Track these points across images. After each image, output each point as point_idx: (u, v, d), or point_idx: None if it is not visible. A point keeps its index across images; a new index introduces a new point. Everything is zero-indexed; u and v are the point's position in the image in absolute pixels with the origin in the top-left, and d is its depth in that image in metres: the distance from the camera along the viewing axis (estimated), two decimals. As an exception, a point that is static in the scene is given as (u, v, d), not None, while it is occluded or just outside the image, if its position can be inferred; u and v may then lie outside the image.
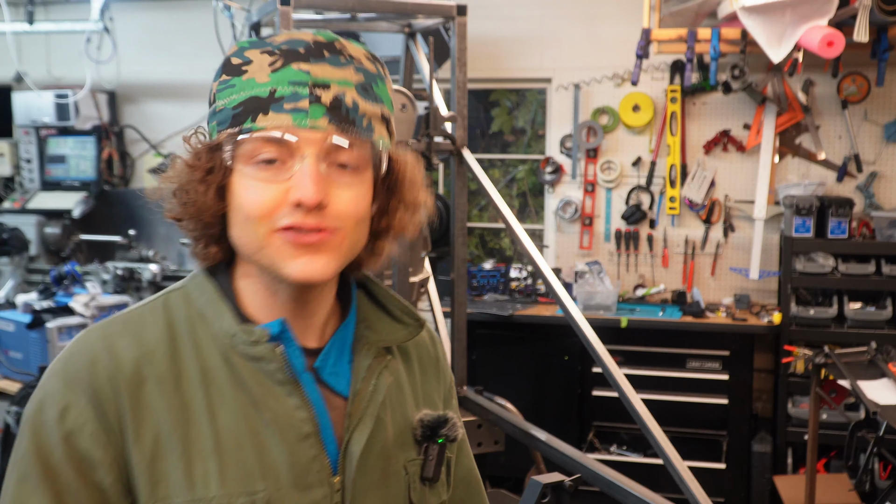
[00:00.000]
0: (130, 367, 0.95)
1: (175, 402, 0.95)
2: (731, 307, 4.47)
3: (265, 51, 0.95)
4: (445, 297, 3.15)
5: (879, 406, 2.74)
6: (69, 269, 3.84)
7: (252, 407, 0.97)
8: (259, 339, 0.97)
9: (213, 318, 0.99)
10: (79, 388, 0.94)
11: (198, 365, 0.97)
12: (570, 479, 1.15)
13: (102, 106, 5.32)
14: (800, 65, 3.86)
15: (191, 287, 1.03)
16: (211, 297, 1.00)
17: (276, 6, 2.55)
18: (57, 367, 0.96)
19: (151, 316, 1.00)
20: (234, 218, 0.97)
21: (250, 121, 0.93)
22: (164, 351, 0.97)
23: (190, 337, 0.98)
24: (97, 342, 0.97)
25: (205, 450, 0.94)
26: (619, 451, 4.38)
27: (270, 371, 0.97)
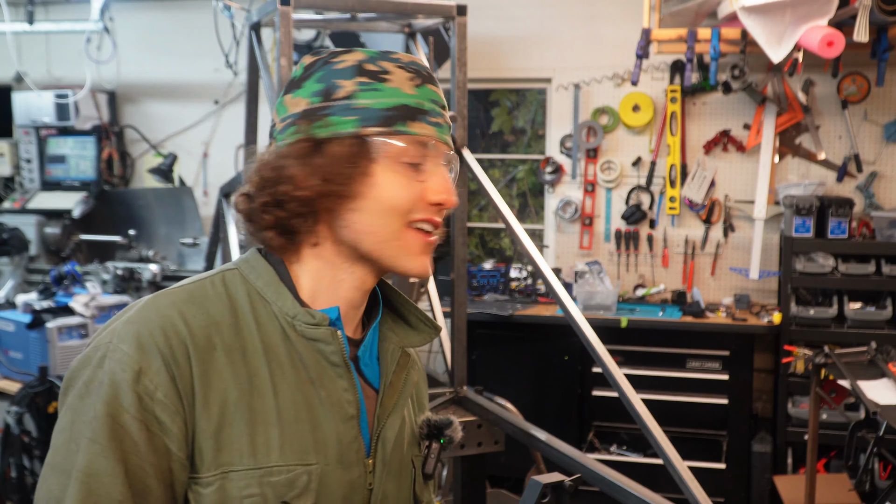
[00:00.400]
0: (201, 334, 1.00)
1: (242, 372, 1.01)
2: (731, 307, 4.47)
3: (399, 66, 1.07)
4: (445, 297, 3.15)
5: (879, 406, 2.74)
6: (69, 269, 3.84)
7: (309, 384, 1.04)
8: (320, 321, 1.05)
9: (273, 298, 1.05)
10: (153, 351, 0.97)
11: (260, 339, 1.03)
12: (570, 479, 1.15)
13: (102, 106, 5.32)
14: (800, 65, 3.86)
15: (245, 269, 1.08)
16: (270, 279, 1.07)
17: (276, 6, 2.55)
18: (128, 331, 0.98)
19: (212, 290, 1.05)
20: (365, 207, 1.04)
21: (401, 124, 1.04)
22: (229, 323, 1.02)
23: (251, 313, 1.04)
24: (168, 308, 1.00)
25: (268, 420, 1.01)
26: (619, 451, 4.38)
27: (327, 353, 1.05)
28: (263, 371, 1.02)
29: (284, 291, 1.06)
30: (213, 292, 1.05)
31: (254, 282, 1.07)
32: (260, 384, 1.01)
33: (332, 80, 1.05)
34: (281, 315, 1.05)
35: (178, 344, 0.98)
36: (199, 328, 1.00)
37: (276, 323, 1.05)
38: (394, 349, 1.15)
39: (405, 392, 1.15)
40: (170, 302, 1.02)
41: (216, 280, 1.07)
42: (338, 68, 1.06)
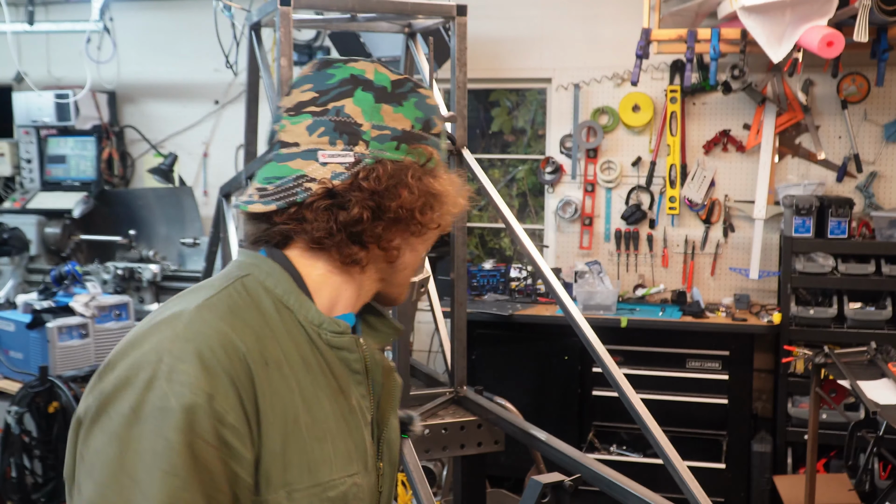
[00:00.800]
0: (254, 349, 0.94)
1: (294, 386, 0.97)
2: (731, 307, 4.47)
3: None
4: (445, 297, 3.15)
5: (879, 406, 2.74)
6: (69, 269, 3.84)
7: (340, 393, 1.03)
8: (345, 330, 1.04)
9: (296, 306, 1.02)
10: (219, 372, 0.90)
11: (296, 350, 0.99)
12: (570, 479, 1.16)
13: (102, 106, 5.32)
14: (800, 65, 3.86)
15: (260, 274, 1.03)
16: (290, 286, 1.03)
17: (276, 6, 2.55)
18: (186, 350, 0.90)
19: (241, 300, 0.99)
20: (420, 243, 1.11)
21: None
22: (269, 335, 0.97)
23: (281, 322, 1.00)
24: (218, 322, 0.94)
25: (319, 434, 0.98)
26: (619, 451, 4.38)
27: (350, 360, 1.04)
28: (307, 383, 0.99)
29: (305, 299, 1.03)
30: (243, 302, 0.99)
31: (273, 288, 1.02)
32: (308, 397, 0.98)
33: (431, 115, 1.09)
34: (307, 324, 1.02)
35: (239, 362, 0.92)
36: (251, 343, 0.94)
37: (302, 332, 1.01)
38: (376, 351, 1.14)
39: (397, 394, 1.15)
40: (216, 316, 0.94)
41: (239, 289, 1.00)
42: (431, 104, 1.10)
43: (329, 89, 1.05)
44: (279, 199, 1.01)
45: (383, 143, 1.04)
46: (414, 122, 1.07)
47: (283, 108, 1.07)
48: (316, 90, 1.05)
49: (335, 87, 1.05)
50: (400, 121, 1.05)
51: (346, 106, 1.04)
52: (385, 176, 1.02)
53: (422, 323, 4.58)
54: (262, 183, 1.04)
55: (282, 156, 1.05)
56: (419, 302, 3.39)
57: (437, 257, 4.57)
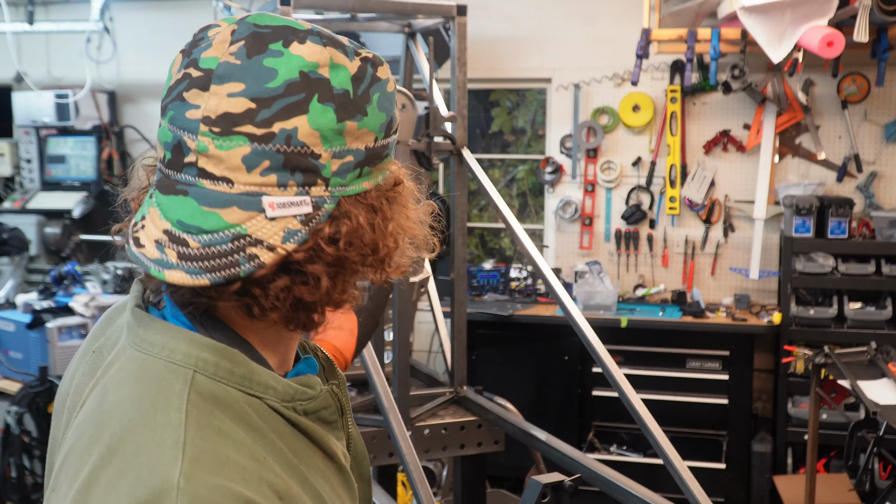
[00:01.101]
0: (262, 494, 0.74)
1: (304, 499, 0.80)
2: (731, 307, 4.47)
3: None
4: (445, 297, 3.15)
5: (879, 406, 2.74)
6: (69, 269, 3.84)
7: (327, 460, 0.88)
8: (319, 391, 0.86)
9: (260, 391, 0.80)
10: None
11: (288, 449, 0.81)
12: (570, 479, 1.15)
13: (102, 106, 5.32)
14: (800, 65, 3.86)
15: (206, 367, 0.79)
16: (246, 369, 0.80)
17: (276, 6, 2.55)
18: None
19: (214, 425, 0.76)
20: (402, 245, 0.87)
21: None
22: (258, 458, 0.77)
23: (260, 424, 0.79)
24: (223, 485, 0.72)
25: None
26: (619, 451, 4.38)
27: (325, 416, 0.87)
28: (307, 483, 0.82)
29: (265, 374, 0.81)
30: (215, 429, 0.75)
31: (228, 381, 0.78)
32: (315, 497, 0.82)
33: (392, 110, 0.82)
34: (277, 405, 0.81)
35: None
36: (256, 490, 0.73)
37: (277, 416, 0.82)
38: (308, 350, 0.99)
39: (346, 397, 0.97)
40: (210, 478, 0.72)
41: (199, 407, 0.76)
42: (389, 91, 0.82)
43: (272, 98, 0.75)
44: (213, 272, 0.73)
45: (345, 177, 0.79)
46: (378, 132, 0.81)
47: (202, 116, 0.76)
48: (252, 96, 0.75)
49: (280, 95, 0.75)
50: (363, 138, 0.79)
51: (300, 129, 0.76)
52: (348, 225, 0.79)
53: (422, 323, 4.58)
54: (179, 230, 0.75)
55: (207, 195, 0.75)
56: (419, 302, 3.40)
57: (437, 257, 4.56)
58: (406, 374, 2.82)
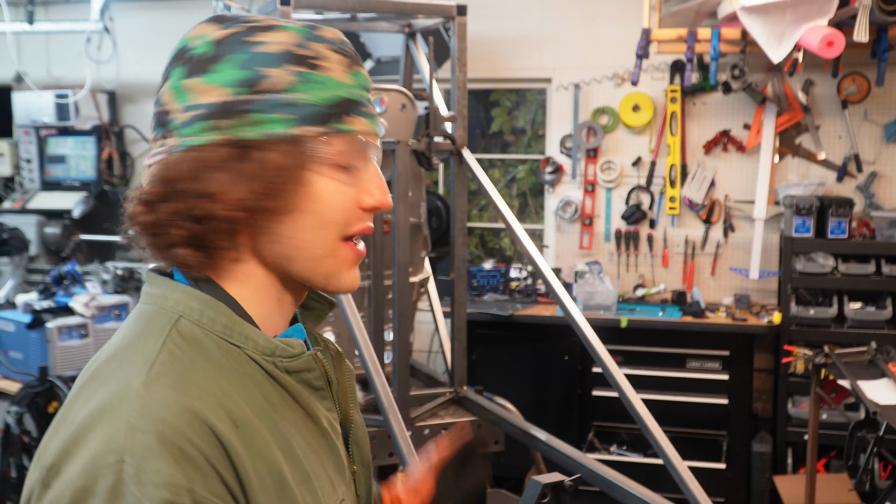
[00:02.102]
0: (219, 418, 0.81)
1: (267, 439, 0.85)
2: (731, 307, 4.47)
3: (332, 48, 0.91)
4: (445, 297, 3.15)
5: (879, 406, 2.74)
6: (69, 269, 3.84)
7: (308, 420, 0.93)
8: (300, 350, 0.92)
9: (241, 341, 0.88)
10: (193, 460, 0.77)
11: (260, 395, 0.87)
12: (570, 479, 1.15)
13: (102, 106, 5.32)
14: (800, 65, 3.86)
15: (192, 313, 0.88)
16: (229, 319, 0.89)
17: (276, 6, 2.55)
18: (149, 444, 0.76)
19: (185, 356, 0.85)
20: (300, 221, 0.89)
21: (340, 122, 0.90)
22: (226, 390, 0.84)
23: (233, 368, 0.87)
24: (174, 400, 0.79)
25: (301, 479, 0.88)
26: (619, 451, 4.38)
27: (310, 380, 0.94)
28: (277, 428, 0.87)
29: (249, 328, 0.89)
30: (187, 359, 0.84)
31: (210, 327, 0.87)
32: (282, 444, 0.87)
33: (256, 68, 0.87)
34: (257, 356, 0.89)
35: (209, 439, 0.79)
36: (212, 412, 0.81)
37: (256, 367, 0.88)
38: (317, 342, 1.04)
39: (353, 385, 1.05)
40: (170, 392, 0.80)
41: (177, 341, 0.85)
42: (261, 51, 0.87)
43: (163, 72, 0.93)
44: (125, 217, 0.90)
45: (192, 127, 0.87)
46: (232, 88, 0.86)
47: None
48: None
49: (166, 67, 0.92)
50: (210, 92, 0.87)
51: (163, 92, 0.91)
52: (181, 168, 0.86)
53: (422, 323, 4.58)
54: None
55: None
56: (419, 302, 3.40)
57: (437, 257, 4.57)
58: (406, 374, 2.82)
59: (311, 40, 0.90)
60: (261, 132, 0.86)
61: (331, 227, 0.90)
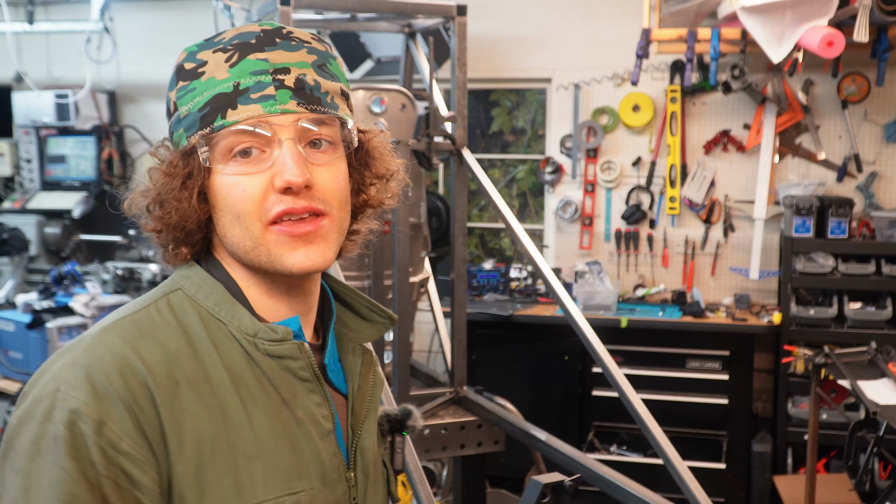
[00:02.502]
0: (161, 370, 0.89)
1: (213, 405, 0.91)
2: (731, 307, 4.47)
3: (217, 49, 0.95)
4: (445, 297, 3.15)
5: (879, 406, 2.74)
6: (69, 269, 3.84)
7: (283, 405, 0.96)
8: (284, 336, 0.96)
9: (227, 317, 0.96)
10: (112, 397, 0.85)
11: (224, 366, 0.93)
12: (570, 479, 1.15)
13: (102, 106, 5.32)
14: (800, 65, 3.86)
15: (189, 287, 0.98)
16: (221, 297, 0.97)
17: (276, 6, 2.55)
18: (78, 376, 0.86)
19: (161, 318, 0.94)
20: (223, 219, 0.95)
21: (220, 118, 0.93)
22: (187, 353, 0.92)
23: (207, 338, 0.94)
24: (120, 345, 0.89)
25: (248, 452, 0.91)
26: (619, 451, 4.38)
27: (295, 369, 0.97)
28: (234, 400, 0.92)
29: (239, 308, 0.97)
30: (162, 321, 0.94)
31: (202, 301, 0.97)
32: (233, 415, 0.92)
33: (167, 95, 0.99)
34: (240, 335, 0.95)
35: (139, 385, 0.87)
36: (158, 364, 0.89)
37: (236, 345, 0.95)
38: (354, 348, 1.08)
39: (375, 395, 1.07)
40: (120, 338, 0.90)
41: (161, 306, 0.95)
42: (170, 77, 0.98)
43: None
44: None
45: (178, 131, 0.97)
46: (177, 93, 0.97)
47: None
48: None
49: None
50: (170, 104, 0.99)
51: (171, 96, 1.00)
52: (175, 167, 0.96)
53: (422, 323, 4.58)
54: None
55: None
56: (419, 302, 3.40)
57: (437, 257, 4.57)
58: (406, 374, 2.83)
59: (202, 50, 0.96)
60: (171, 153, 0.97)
61: (245, 219, 0.94)
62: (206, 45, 0.96)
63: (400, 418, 1.14)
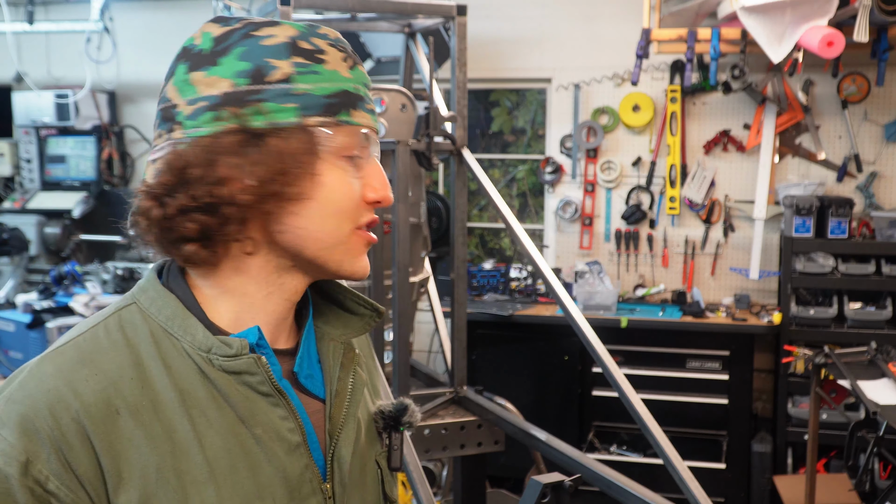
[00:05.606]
0: (96, 401, 0.84)
1: (157, 432, 0.86)
2: (731, 307, 4.47)
3: (331, 44, 0.94)
4: (445, 297, 3.15)
5: (879, 406, 2.74)
6: (69, 269, 3.84)
7: (240, 424, 0.90)
8: (239, 351, 0.90)
9: (180, 333, 0.90)
10: (39, 437, 0.81)
11: (173, 387, 0.87)
12: (570, 479, 1.15)
13: (102, 106, 5.32)
14: (800, 65, 3.86)
15: (144, 301, 0.92)
16: (175, 311, 0.91)
17: (276, 6, 2.55)
18: (10, 414, 0.82)
19: (107, 338, 0.89)
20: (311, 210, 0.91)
21: (346, 114, 0.92)
22: (131, 376, 0.86)
23: (157, 357, 0.88)
24: (52, 379, 0.84)
25: (199, 478, 0.86)
26: (619, 451, 4.38)
27: (253, 384, 0.91)
28: (183, 423, 0.87)
29: (192, 322, 0.91)
30: (107, 342, 0.88)
31: (155, 316, 0.91)
32: (181, 440, 0.86)
33: (262, 59, 0.89)
34: (193, 351, 0.89)
35: (70, 422, 0.82)
36: (93, 394, 0.84)
37: (188, 362, 0.89)
38: (335, 348, 1.02)
39: (355, 398, 1.01)
40: (55, 370, 0.85)
41: (111, 324, 0.90)
42: (267, 44, 0.90)
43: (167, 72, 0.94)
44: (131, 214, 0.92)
45: (197, 119, 0.89)
46: (236, 80, 0.89)
47: None
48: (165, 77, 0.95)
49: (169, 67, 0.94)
50: (215, 84, 0.89)
51: (167, 89, 0.92)
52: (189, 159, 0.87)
53: (422, 323, 4.58)
54: None
55: None
56: (419, 302, 3.40)
57: (437, 257, 4.57)
58: (406, 374, 2.82)
59: (311, 35, 0.93)
60: (267, 121, 0.88)
61: (341, 217, 0.93)
62: (315, 34, 0.93)
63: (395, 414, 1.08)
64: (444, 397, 2.97)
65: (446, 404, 2.97)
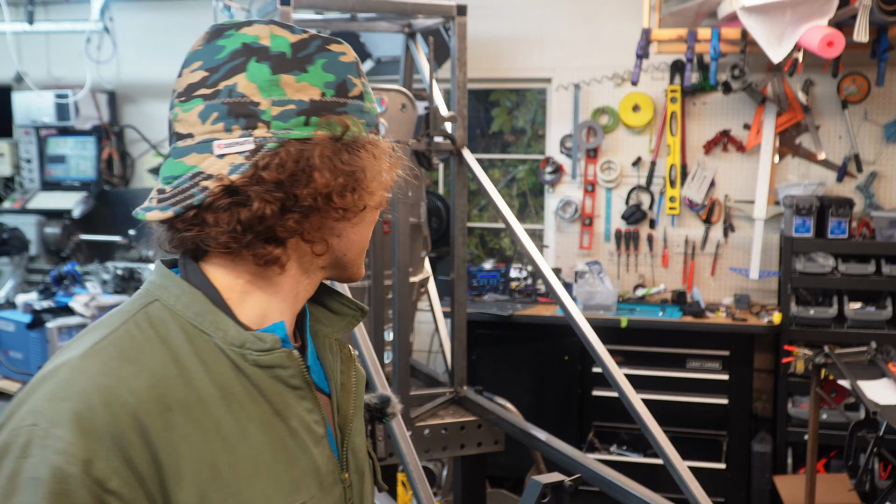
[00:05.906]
0: (150, 397, 0.84)
1: (208, 427, 0.86)
2: (731, 307, 4.47)
3: None
4: (445, 297, 3.15)
5: (879, 406, 2.74)
6: (69, 269, 3.84)
7: (275, 417, 0.92)
8: (272, 345, 0.92)
9: (211, 329, 0.91)
10: (100, 434, 0.80)
11: (212, 382, 0.88)
12: (570, 479, 1.15)
13: (102, 106, 5.32)
14: (800, 65, 3.86)
15: (168, 298, 0.92)
16: (203, 307, 0.92)
17: (276, 6, 2.55)
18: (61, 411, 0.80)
19: (142, 336, 0.88)
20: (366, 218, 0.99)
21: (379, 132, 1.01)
22: (175, 374, 0.87)
23: (193, 354, 0.89)
24: (101, 376, 0.83)
25: (248, 472, 0.88)
26: (619, 451, 4.38)
27: (285, 377, 0.93)
28: (228, 419, 0.88)
29: (223, 318, 0.92)
30: (143, 339, 0.88)
31: (183, 313, 0.91)
32: (229, 435, 0.87)
33: (345, 74, 0.94)
34: (226, 346, 0.90)
35: (128, 419, 0.81)
36: (146, 391, 0.83)
37: (222, 357, 0.90)
38: (331, 344, 1.05)
39: (360, 390, 1.06)
40: (101, 366, 0.84)
41: (140, 321, 0.89)
42: (344, 61, 0.95)
43: (219, 65, 0.91)
44: (176, 204, 0.90)
45: (288, 121, 0.90)
46: (324, 89, 0.92)
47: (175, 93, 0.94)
48: (206, 68, 0.92)
49: (226, 61, 0.91)
50: (305, 90, 0.91)
51: (239, 83, 0.90)
52: (290, 160, 0.89)
53: (422, 323, 4.58)
54: (163, 184, 0.92)
55: (178, 150, 0.92)
56: (419, 302, 3.40)
57: (437, 257, 4.57)
58: (406, 374, 2.83)
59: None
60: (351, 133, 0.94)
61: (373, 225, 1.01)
62: None
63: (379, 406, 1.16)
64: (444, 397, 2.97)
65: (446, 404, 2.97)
